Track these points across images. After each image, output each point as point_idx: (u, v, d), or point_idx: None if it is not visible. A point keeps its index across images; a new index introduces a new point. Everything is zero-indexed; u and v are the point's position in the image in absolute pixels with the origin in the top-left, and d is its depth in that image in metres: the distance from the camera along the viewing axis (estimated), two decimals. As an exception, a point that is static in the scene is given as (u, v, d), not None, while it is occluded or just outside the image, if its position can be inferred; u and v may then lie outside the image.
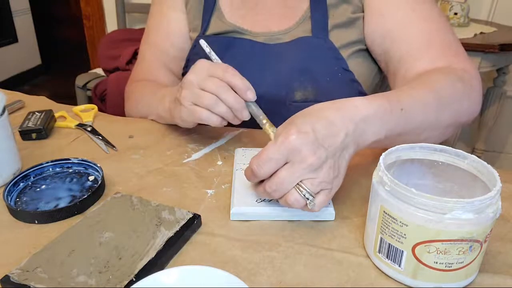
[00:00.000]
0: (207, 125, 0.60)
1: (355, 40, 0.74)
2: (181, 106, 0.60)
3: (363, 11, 0.74)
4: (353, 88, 0.75)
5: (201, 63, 0.60)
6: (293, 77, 0.74)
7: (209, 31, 0.80)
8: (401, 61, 0.69)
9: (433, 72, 0.63)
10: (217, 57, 0.62)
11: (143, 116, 0.80)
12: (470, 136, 1.92)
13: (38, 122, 0.72)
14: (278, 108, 0.75)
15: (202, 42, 0.62)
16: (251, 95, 0.58)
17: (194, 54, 0.81)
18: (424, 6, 0.70)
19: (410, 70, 0.67)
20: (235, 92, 0.57)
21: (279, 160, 0.46)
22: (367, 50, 0.76)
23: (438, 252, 0.40)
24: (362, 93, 0.76)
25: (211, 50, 0.62)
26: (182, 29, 0.84)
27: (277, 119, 0.77)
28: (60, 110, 0.80)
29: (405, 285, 0.43)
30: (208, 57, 0.62)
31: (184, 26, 0.84)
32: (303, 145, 0.45)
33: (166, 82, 0.86)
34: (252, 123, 0.61)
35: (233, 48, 0.77)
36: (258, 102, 0.59)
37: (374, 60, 0.78)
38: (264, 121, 0.57)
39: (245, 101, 0.58)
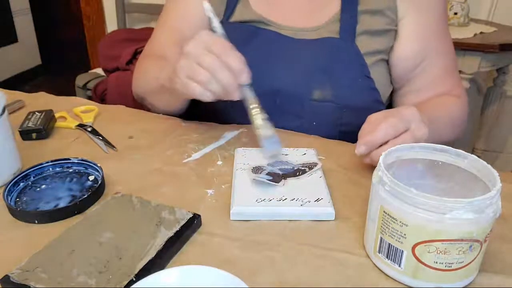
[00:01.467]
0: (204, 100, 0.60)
1: (382, 49, 0.74)
2: (177, 77, 0.60)
3: (396, 25, 0.75)
4: (371, 95, 0.75)
5: (202, 35, 0.59)
6: (314, 75, 0.73)
7: (233, 18, 0.78)
8: (422, 88, 0.78)
9: (445, 98, 0.76)
10: (219, 25, 0.60)
11: (150, 89, 0.79)
12: (470, 136, 1.91)
13: (38, 122, 0.72)
14: (295, 104, 0.74)
15: (206, 5, 0.60)
16: (246, 78, 0.58)
17: None
18: (447, 38, 0.78)
19: (425, 95, 0.77)
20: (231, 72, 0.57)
21: (403, 127, 0.56)
22: (388, 61, 0.77)
23: (438, 252, 0.40)
24: (379, 102, 0.76)
25: (215, 16, 0.60)
26: (202, 14, 0.83)
27: (292, 116, 0.77)
28: (60, 110, 0.80)
29: (405, 285, 0.43)
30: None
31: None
32: (418, 119, 0.56)
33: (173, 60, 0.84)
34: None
35: (257, 37, 0.76)
36: (275, 96, 0.57)
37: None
38: (252, 105, 0.56)
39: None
